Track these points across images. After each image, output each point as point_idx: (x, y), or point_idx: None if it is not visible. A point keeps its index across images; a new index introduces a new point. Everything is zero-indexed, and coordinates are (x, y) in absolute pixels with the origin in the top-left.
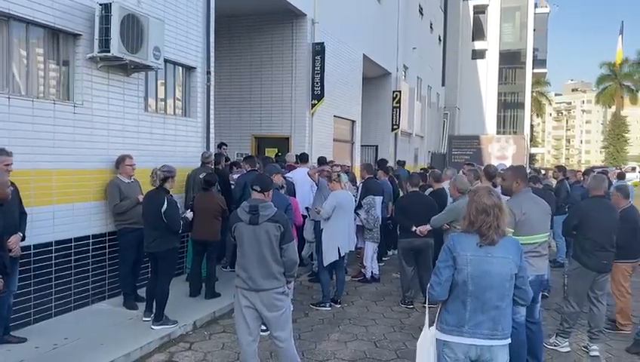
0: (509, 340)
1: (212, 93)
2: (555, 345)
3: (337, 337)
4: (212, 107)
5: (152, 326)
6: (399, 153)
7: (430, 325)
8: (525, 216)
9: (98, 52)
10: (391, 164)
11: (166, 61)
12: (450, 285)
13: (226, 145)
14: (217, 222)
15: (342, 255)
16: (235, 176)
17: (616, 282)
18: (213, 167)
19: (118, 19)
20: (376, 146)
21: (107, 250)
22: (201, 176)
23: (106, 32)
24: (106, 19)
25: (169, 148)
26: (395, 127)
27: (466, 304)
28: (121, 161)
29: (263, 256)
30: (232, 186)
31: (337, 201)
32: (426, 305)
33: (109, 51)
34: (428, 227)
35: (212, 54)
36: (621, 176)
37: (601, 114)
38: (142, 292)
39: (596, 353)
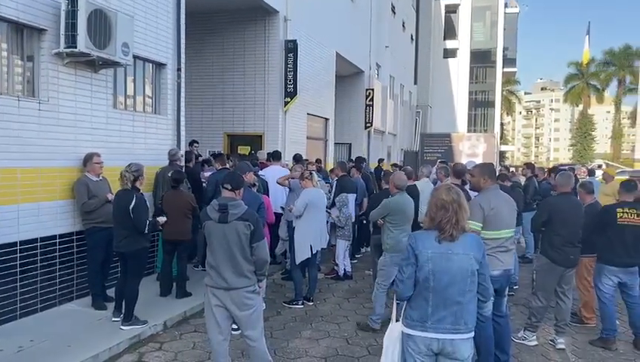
0: (472, 334)
1: (183, 90)
2: (523, 339)
3: (309, 335)
4: (183, 104)
5: (122, 327)
6: (372, 151)
7: (397, 320)
8: (494, 211)
9: (64, 48)
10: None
11: (135, 57)
12: (414, 282)
13: (197, 143)
14: (187, 221)
15: (314, 253)
16: (207, 174)
17: (579, 276)
18: (182, 164)
19: (85, 14)
20: (350, 144)
21: (75, 250)
22: (169, 174)
23: (72, 27)
24: (72, 14)
25: (139, 146)
26: (368, 124)
27: (428, 300)
28: (89, 159)
29: (232, 255)
30: (204, 184)
31: (309, 199)
32: (394, 302)
33: (75, 47)
34: None
35: (183, 51)
36: (591, 173)
37: (569, 112)
38: (111, 292)
39: (562, 346)
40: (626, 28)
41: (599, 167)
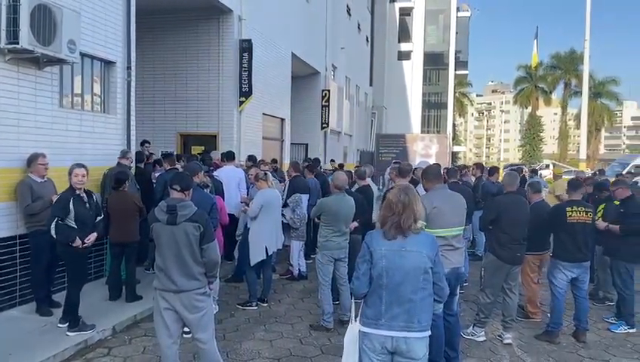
0: (427, 333)
1: (133, 88)
2: (472, 335)
3: (263, 336)
4: (133, 103)
5: (67, 333)
6: (329, 151)
7: (356, 319)
8: (436, 210)
9: (6, 44)
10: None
11: (83, 55)
12: (370, 279)
13: (149, 143)
14: (135, 222)
15: (269, 254)
16: (157, 175)
17: (524, 273)
18: (132, 165)
19: (28, 9)
20: (307, 144)
21: (18, 254)
22: (115, 173)
23: (14, 22)
24: (14, 8)
25: (87, 146)
26: (324, 125)
27: (381, 297)
28: (33, 160)
29: (182, 257)
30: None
31: (264, 200)
32: (353, 300)
33: (17, 43)
34: (355, 223)
35: (133, 49)
36: (534, 172)
37: (519, 114)
38: (57, 297)
39: (509, 341)
40: (571, 33)
41: (547, 166)
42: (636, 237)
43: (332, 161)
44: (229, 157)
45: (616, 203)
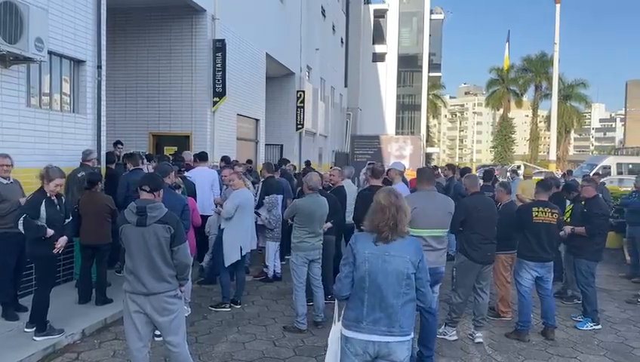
0: (408, 337)
1: (104, 88)
2: (444, 334)
3: (236, 338)
4: (104, 103)
5: (35, 338)
6: (304, 152)
7: (339, 320)
8: (416, 210)
9: None
10: (295, 163)
11: (51, 53)
12: (353, 282)
13: (122, 144)
14: (106, 224)
15: (243, 254)
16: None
17: (497, 272)
18: (96, 166)
19: None
20: (282, 145)
21: None
22: (79, 176)
23: None
24: None
25: (55, 147)
26: (299, 126)
27: (363, 300)
28: None
29: (152, 259)
30: None
31: (239, 200)
32: (335, 301)
33: None
34: (329, 224)
35: (104, 47)
36: (514, 172)
37: (491, 116)
38: (24, 301)
39: (480, 340)
40: (542, 36)
41: (518, 168)
42: (599, 237)
43: (307, 162)
44: (201, 157)
45: (583, 203)
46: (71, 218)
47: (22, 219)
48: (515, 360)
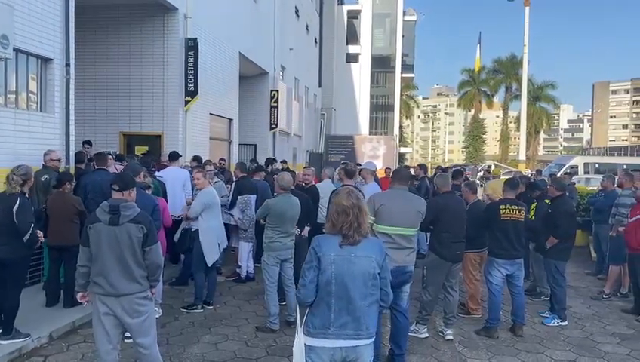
0: (373, 339)
1: (72, 86)
2: (415, 332)
3: (208, 339)
4: (72, 101)
5: (0, 342)
6: (278, 152)
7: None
8: (382, 207)
9: None
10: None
11: (17, 51)
12: (317, 287)
13: (90, 144)
14: (74, 225)
15: (220, 251)
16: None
17: (466, 270)
18: (59, 167)
19: None
20: (255, 145)
21: None
22: (42, 179)
23: None
24: None
25: (22, 146)
26: (273, 126)
27: (330, 305)
28: None
29: (123, 259)
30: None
31: (207, 199)
32: (298, 308)
33: None
34: (307, 229)
35: (72, 45)
36: (487, 172)
37: (463, 117)
38: None
39: (450, 337)
40: (512, 38)
41: (489, 167)
42: (567, 236)
43: (283, 161)
44: (172, 157)
45: (548, 201)
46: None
47: (32, 230)
48: (484, 356)
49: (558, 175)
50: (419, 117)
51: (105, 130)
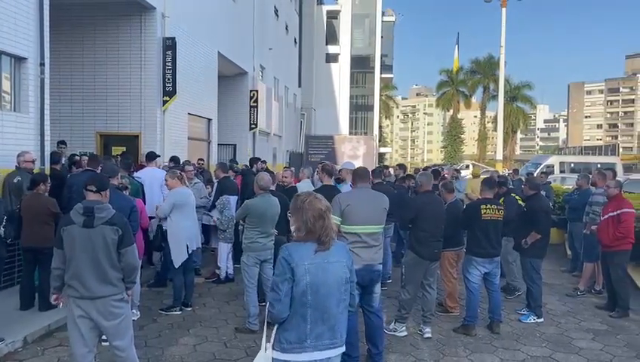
0: (344, 346)
1: (47, 86)
2: (394, 331)
3: (186, 341)
4: (47, 101)
5: None
6: (258, 152)
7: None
8: (349, 207)
9: None
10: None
11: None
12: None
13: (65, 145)
14: (49, 228)
15: (190, 252)
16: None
17: (443, 269)
18: (36, 168)
19: None
20: (235, 145)
21: None
22: (14, 181)
23: None
24: None
25: None
26: (252, 126)
27: (306, 317)
28: None
29: (98, 261)
30: None
31: (175, 199)
32: (265, 327)
33: None
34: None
35: (47, 44)
36: (457, 171)
37: (441, 117)
38: None
39: (429, 335)
40: (490, 39)
41: (467, 167)
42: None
43: (263, 161)
44: (149, 157)
45: (515, 196)
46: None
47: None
48: (462, 353)
49: (535, 174)
50: (398, 117)
51: (81, 131)
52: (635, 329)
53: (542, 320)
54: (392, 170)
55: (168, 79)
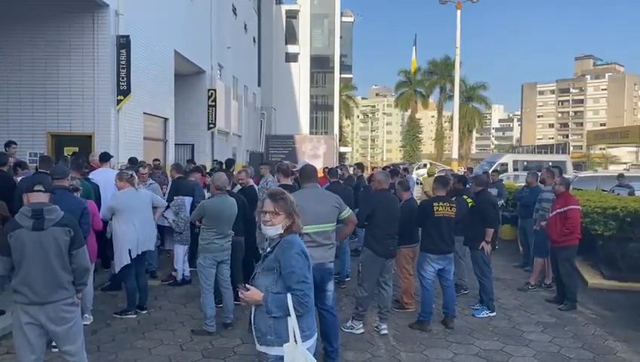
0: None
1: None
2: (351, 328)
3: (141, 344)
4: None
5: None
6: (217, 152)
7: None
8: (298, 208)
9: None
10: (207, 162)
11: None
12: None
13: (16, 144)
14: None
15: (133, 257)
16: (19, 179)
17: (400, 266)
18: None
19: None
20: (193, 145)
21: None
22: None
23: None
24: None
25: None
26: (211, 125)
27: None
28: None
29: (49, 265)
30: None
31: (114, 203)
32: (293, 316)
33: None
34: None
35: None
36: (406, 171)
37: (400, 116)
38: None
39: (385, 331)
40: (446, 41)
41: (424, 166)
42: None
43: (220, 162)
44: (102, 158)
45: (466, 197)
46: None
47: None
48: (417, 349)
49: (490, 172)
50: (358, 117)
51: (31, 131)
52: (582, 320)
53: (495, 314)
54: (350, 170)
55: (122, 78)
